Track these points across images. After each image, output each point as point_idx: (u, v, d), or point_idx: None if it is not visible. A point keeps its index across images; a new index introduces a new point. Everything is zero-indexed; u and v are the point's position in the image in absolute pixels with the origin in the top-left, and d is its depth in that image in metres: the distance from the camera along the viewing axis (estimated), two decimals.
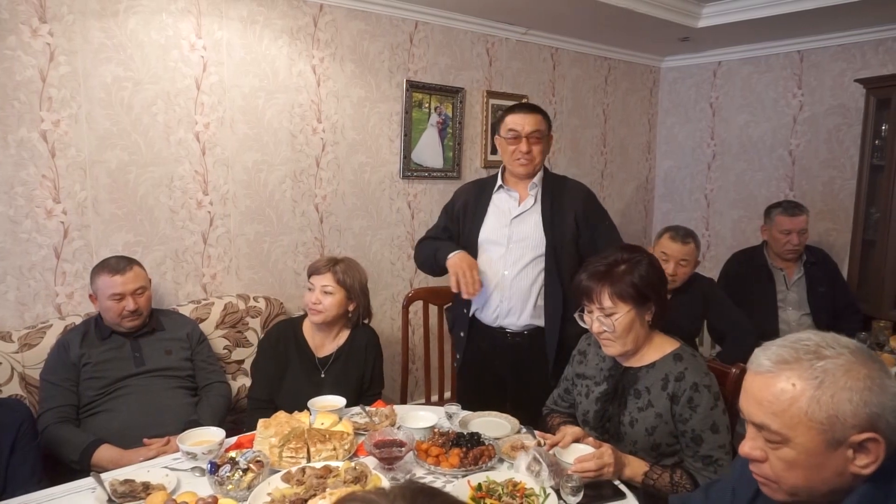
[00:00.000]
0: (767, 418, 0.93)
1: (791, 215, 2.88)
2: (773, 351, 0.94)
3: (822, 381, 0.89)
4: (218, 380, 2.26)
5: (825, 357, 0.90)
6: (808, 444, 0.89)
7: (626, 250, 1.66)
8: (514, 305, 2.17)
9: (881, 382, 0.88)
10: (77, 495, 1.46)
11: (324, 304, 2.11)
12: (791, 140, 3.93)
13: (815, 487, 0.92)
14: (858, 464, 0.88)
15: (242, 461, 1.43)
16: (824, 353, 0.90)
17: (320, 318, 2.12)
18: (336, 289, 2.13)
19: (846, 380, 0.88)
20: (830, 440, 0.88)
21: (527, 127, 2.13)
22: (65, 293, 2.34)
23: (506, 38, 3.60)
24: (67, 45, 2.26)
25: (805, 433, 0.89)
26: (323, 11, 2.88)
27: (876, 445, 0.87)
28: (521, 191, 2.22)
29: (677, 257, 2.49)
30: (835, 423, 0.87)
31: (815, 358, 0.90)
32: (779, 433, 0.91)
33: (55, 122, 2.26)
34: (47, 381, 2.03)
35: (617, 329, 1.59)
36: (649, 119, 4.59)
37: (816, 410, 0.88)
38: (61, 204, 2.31)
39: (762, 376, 0.94)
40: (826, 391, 0.88)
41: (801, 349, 0.92)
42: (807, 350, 0.92)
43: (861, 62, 3.60)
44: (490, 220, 2.24)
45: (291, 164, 2.87)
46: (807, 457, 0.90)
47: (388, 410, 1.84)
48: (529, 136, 2.13)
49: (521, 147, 2.13)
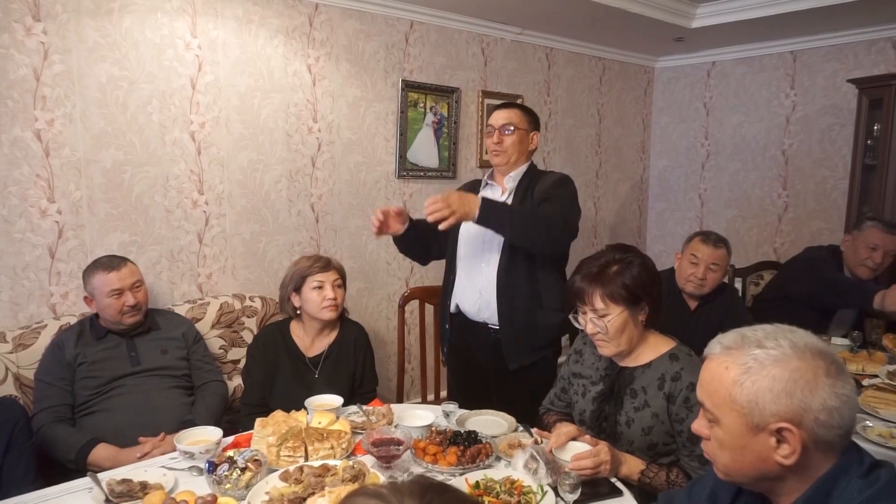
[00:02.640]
0: (703, 397, 1.01)
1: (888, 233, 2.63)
2: (728, 337, 1.00)
3: (749, 368, 0.94)
4: (214, 379, 2.25)
5: (763, 347, 0.95)
6: (732, 426, 0.96)
7: (619, 251, 1.66)
8: (490, 300, 2.20)
9: (812, 378, 0.90)
10: (73, 495, 1.45)
11: (339, 298, 2.16)
12: (784, 140, 3.96)
13: (743, 470, 0.98)
14: (780, 453, 0.92)
15: (240, 460, 1.42)
16: (765, 343, 0.95)
17: (336, 312, 2.17)
18: (342, 282, 2.21)
19: (772, 369, 0.92)
20: (751, 424, 0.93)
21: (500, 120, 2.22)
22: (59, 293, 2.33)
23: (501, 37, 3.61)
24: (61, 44, 2.25)
25: (729, 414, 0.96)
26: (318, 11, 2.88)
27: (792, 436, 0.90)
28: (500, 183, 2.28)
29: (707, 261, 2.43)
30: (754, 408, 0.92)
31: (755, 347, 0.95)
32: (711, 412, 0.99)
33: (49, 122, 2.25)
34: (42, 381, 2.02)
35: (610, 330, 1.60)
36: (643, 119, 4.61)
37: (739, 394, 0.94)
38: (56, 203, 2.29)
39: (709, 359, 1.01)
40: (750, 377, 0.93)
41: (748, 337, 0.97)
42: (752, 339, 0.96)
43: (853, 62, 3.63)
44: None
45: (287, 163, 2.87)
46: (731, 438, 0.96)
47: (385, 409, 1.84)
48: (501, 128, 2.21)
49: (493, 138, 2.23)
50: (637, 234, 4.71)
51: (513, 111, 2.24)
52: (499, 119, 2.23)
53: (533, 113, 2.29)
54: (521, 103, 2.43)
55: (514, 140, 2.20)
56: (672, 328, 1.78)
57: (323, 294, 2.13)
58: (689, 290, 2.49)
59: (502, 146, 2.21)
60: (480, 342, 2.28)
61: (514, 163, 2.24)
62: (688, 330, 2.42)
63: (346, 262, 2.53)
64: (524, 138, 2.23)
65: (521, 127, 2.21)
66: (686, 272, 2.47)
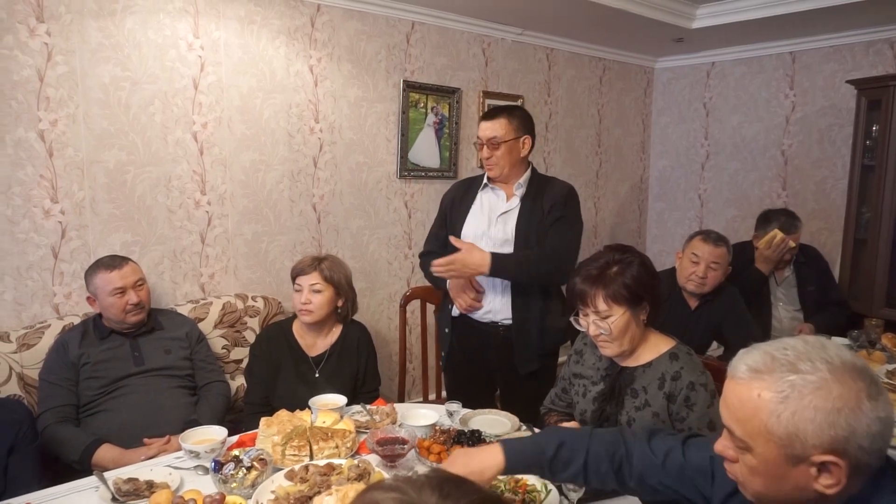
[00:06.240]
0: (733, 423, 0.92)
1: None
2: (753, 357, 0.92)
3: (787, 397, 0.86)
4: (217, 379, 2.26)
5: (799, 371, 0.86)
6: (768, 456, 0.88)
7: (618, 251, 1.66)
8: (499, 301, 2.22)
9: (856, 405, 0.83)
10: (80, 494, 1.46)
11: (314, 303, 2.12)
12: (784, 140, 3.98)
13: (777, 497, 0.91)
14: (822, 483, 0.86)
15: (246, 459, 1.43)
16: (800, 366, 0.87)
17: (311, 317, 2.13)
18: (324, 286, 2.14)
19: (812, 398, 0.84)
20: (790, 455, 0.86)
21: (486, 133, 2.20)
22: (62, 293, 2.34)
23: (502, 38, 3.62)
24: (65, 45, 2.26)
25: (764, 445, 0.88)
26: (320, 12, 2.89)
27: (837, 469, 0.84)
28: (507, 190, 2.27)
29: (708, 259, 2.44)
30: (794, 440, 0.85)
31: (789, 371, 0.87)
32: (742, 440, 0.91)
33: (53, 122, 2.26)
34: (46, 381, 2.02)
35: (613, 331, 1.60)
36: (643, 119, 4.63)
37: (776, 425, 0.86)
38: (59, 204, 2.30)
39: (735, 381, 0.92)
40: (789, 407, 0.85)
41: (779, 359, 0.89)
42: (784, 361, 0.88)
43: (852, 63, 3.65)
44: (473, 217, 2.29)
45: (289, 163, 2.88)
46: (766, 467, 0.89)
47: (389, 408, 1.85)
48: (488, 142, 2.19)
49: (482, 153, 2.22)
50: (637, 235, 4.72)
51: (497, 122, 2.18)
52: (485, 132, 2.19)
53: (521, 116, 2.23)
54: (509, 105, 2.38)
55: (502, 153, 2.18)
56: (673, 327, 1.80)
57: (299, 297, 2.14)
58: (689, 288, 2.51)
59: (492, 160, 2.19)
60: (488, 343, 2.27)
61: (511, 173, 2.22)
62: (688, 329, 2.44)
63: (348, 262, 2.54)
64: (514, 147, 2.19)
65: (508, 137, 2.17)
66: (687, 271, 2.49)
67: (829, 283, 3.04)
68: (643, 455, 1.23)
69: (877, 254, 3.15)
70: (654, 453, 1.22)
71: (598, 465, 1.25)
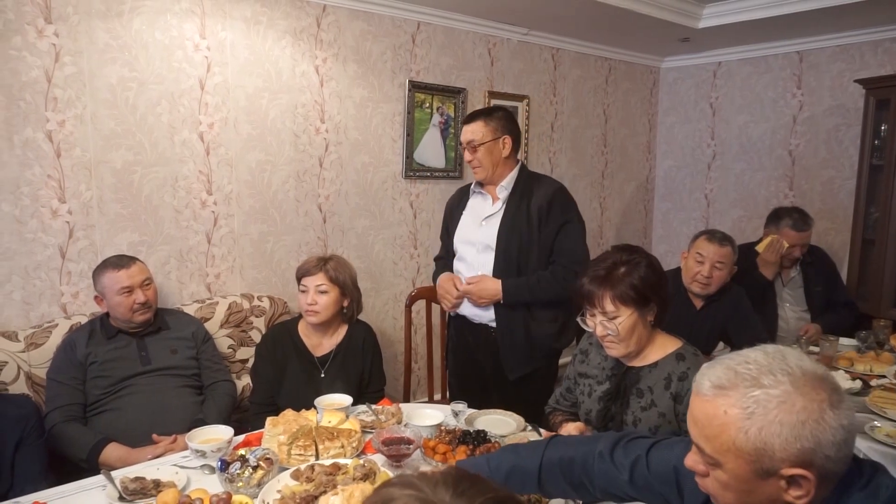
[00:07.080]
0: (702, 441, 0.93)
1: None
2: (716, 373, 0.92)
3: (752, 413, 0.86)
4: (223, 378, 2.27)
5: (762, 386, 0.87)
6: (738, 471, 0.89)
7: (625, 251, 1.66)
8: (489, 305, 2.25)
9: (819, 416, 0.84)
10: (87, 493, 1.47)
11: (319, 303, 2.12)
12: (791, 140, 3.96)
13: None
14: (792, 494, 0.87)
15: (252, 458, 1.44)
16: (763, 380, 0.87)
17: (317, 318, 2.13)
18: (330, 287, 2.14)
19: (777, 412, 0.85)
20: (759, 470, 0.87)
21: (466, 136, 2.24)
22: (70, 293, 2.35)
23: (507, 38, 3.62)
24: (73, 46, 2.27)
25: (734, 460, 0.89)
26: (326, 12, 2.89)
27: (806, 482, 0.85)
28: (492, 193, 2.29)
29: (713, 259, 2.42)
30: (762, 455, 0.86)
31: (752, 386, 0.87)
32: (711, 456, 0.91)
33: (60, 123, 2.27)
34: (54, 380, 2.04)
35: (621, 332, 1.60)
36: (649, 119, 4.61)
37: (744, 441, 0.87)
38: (66, 204, 2.31)
39: (700, 398, 0.93)
40: (755, 423, 0.86)
41: (742, 374, 0.89)
42: (747, 376, 0.89)
43: (860, 63, 3.63)
44: (463, 223, 2.35)
45: (295, 164, 2.88)
46: (737, 482, 0.90)
47: (395, 408, 1.86)
48: (468, 145, 2.23)
49: (466, 157, 2.26)
50: (643, 235, 4.71)
51: (474, 125, 2.23)
52: (465, 136, 2.24)
53: (500, 117, 2.24)
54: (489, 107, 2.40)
55: (482, 154, 2.21)
56: (678, 327, 1.79)
57: (304, 298, 2.14)
58: (694, 289, 2.50)
59: (474, 162, 2.24)
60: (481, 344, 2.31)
61: (496, 174, 2.24)
62: (694, 329, 2.43)
63: (353, 262, 2.55)
64: (493, 148, 2.21)
65: (486, 140, 2.20)
66: (692, 271, 2.48)
67: (835, 283, 3.02)
68: (604, 473, 1.20)
69: (885, 254, 3.13)
70: (618, 468, 1.19)
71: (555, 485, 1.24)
